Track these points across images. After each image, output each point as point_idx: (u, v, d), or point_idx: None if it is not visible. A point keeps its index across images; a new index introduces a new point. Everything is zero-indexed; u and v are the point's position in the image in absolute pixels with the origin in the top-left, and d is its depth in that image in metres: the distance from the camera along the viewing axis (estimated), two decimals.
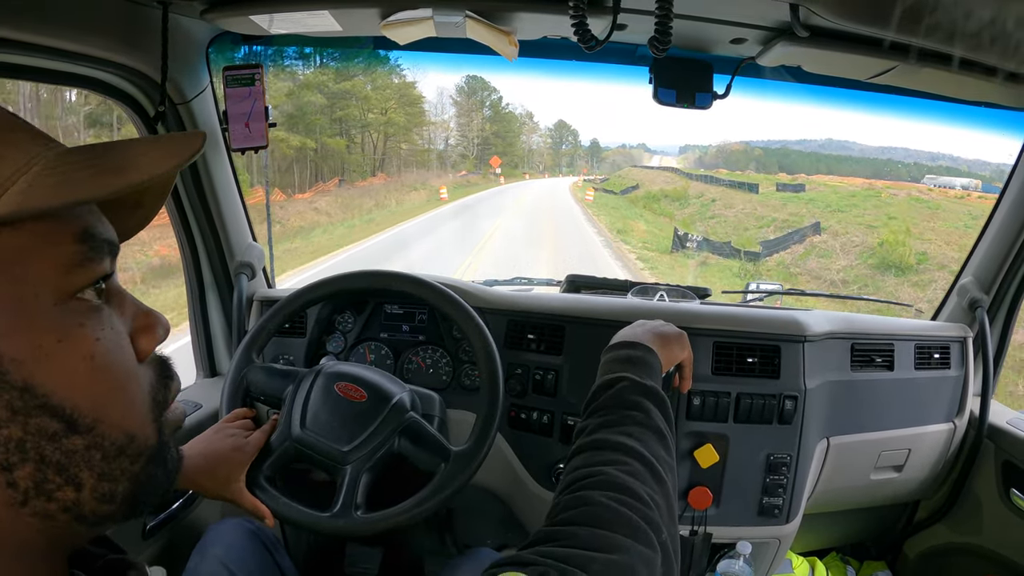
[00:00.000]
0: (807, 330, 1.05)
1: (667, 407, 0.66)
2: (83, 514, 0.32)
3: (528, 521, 1.22)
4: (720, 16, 0.86)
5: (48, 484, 0.30)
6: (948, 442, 1.20)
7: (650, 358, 0.73)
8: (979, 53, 0.66)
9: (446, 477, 0.82)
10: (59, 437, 0.30)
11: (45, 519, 0.30)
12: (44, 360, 0.29)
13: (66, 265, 0.30)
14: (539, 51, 1.08)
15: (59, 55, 0.79)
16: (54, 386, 0.29)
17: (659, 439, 0.61)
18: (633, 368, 0.70)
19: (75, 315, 0.31)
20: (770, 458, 1.02)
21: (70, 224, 0.31)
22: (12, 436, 0.28)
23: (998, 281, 1.19)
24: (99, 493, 0.32)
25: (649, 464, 0.56)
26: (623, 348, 0.74)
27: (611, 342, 0.78)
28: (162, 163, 0.32)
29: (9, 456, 0.28)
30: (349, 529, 0.79)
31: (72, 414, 0.30)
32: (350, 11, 0.90)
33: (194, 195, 1.13)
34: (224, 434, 0.82)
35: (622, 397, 0.65)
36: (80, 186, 0.30)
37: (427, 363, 1.19)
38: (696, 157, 39.97)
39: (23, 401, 0.28)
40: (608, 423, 0.62)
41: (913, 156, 18.64)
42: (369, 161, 26.75)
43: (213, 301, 1.25)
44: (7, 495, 0.29)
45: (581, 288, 1.35)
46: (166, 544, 1.01)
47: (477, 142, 40.53)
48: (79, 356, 0.31)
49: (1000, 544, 1.18)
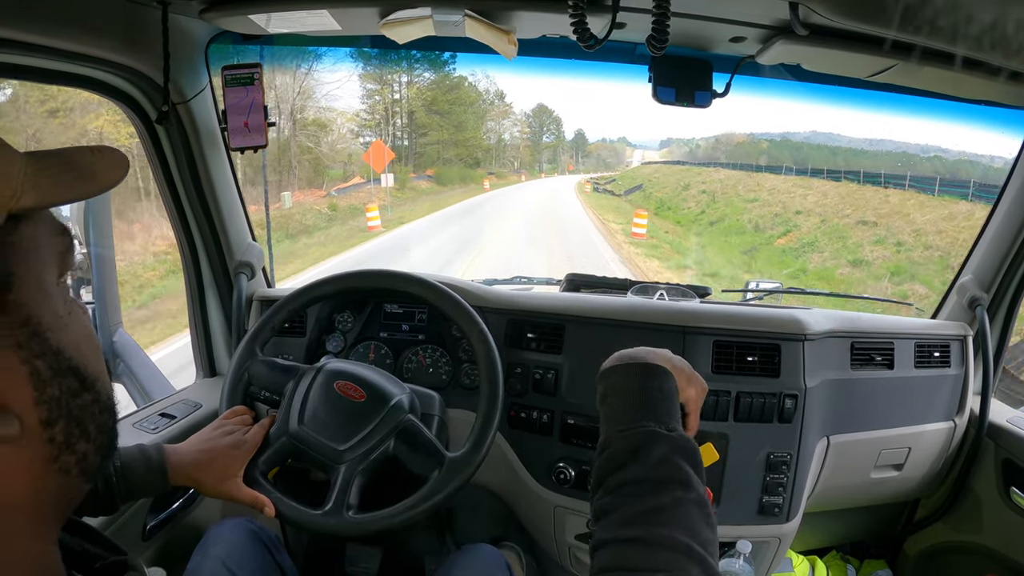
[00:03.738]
0: (807, 329, 1.05)
1: (699, 459, 0.56)
2: (87, 467, 0.36)
3: (527, 519, 1.22)
4: (720, 15, 0.86)
5: (72, 437, 0.34)
6: (948, 440, 1.20)
7: (668, 385, 0.61)
8: (981, 53, 0.66)
9: (439, 482, 0.82)
10: (78, 393, 0.35)
11: (64, 475, 0.34)
12: (63, 329, 0.34)
13: (60, 253, 0.36)
14: (538, 50, 1.08)
15: (59, 55, 0.79)
16: (71, 351, 0.34)
17: (702, 513, 0.51)
18: (654, 411, 0.58)
19: (67, 293, 0.36)
20: (770, 457, 1.02)
21: (53, 220, 0.36)
22: (53, 395, 0.33)
23: (998, 279, 1.19)
24: (97, 444, 0.36)
25: (702, 561, 0.47)
26: (634, 373, 0.61)
27: (609, 363, 0.64)
28: (112, 173, 0.38)
29: (51, 412, 0.33)
30: (339, 529, 0.79)
31: (84, 373, 0.35)
32: (349, 10, 0.90)
33: (193, 195, 1.13)
34: (222, 431, 0.83)
35: (651, 463, 0.53)
36: (70, 187, 0.35)
37: (427, 362, 1.19)
38: (687, 151, 35.08)
39: (58, 363, 0.33)
40: (642, 509, 0.51)
41: (902, 148, 18.09)
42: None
43: (213, 301, 1.25)
44: (46, 451, 0.33)
45: (581, 287, 1.35)
46: (166, 545, 1.01)
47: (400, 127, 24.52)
48: (82, 325, 0.36)
49: (1000, 542, 1.18)
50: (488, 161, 32.65)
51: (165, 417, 1.05)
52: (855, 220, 12.51)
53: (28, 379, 0.32)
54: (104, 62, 0.87)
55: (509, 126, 36.20)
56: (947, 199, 11.48)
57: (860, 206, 12.96)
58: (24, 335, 0.32)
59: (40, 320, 0.33)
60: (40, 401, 0.32)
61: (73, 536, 0.42)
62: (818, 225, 13.00)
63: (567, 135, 43.44)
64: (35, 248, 0.33)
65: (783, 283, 1.59)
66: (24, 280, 0.32)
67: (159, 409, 1.07)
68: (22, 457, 0.32)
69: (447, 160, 26.85)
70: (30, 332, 0.32)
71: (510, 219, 15.27)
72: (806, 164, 18.04)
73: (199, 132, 1.07)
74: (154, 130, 1.04)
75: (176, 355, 4.46)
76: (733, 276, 10.39)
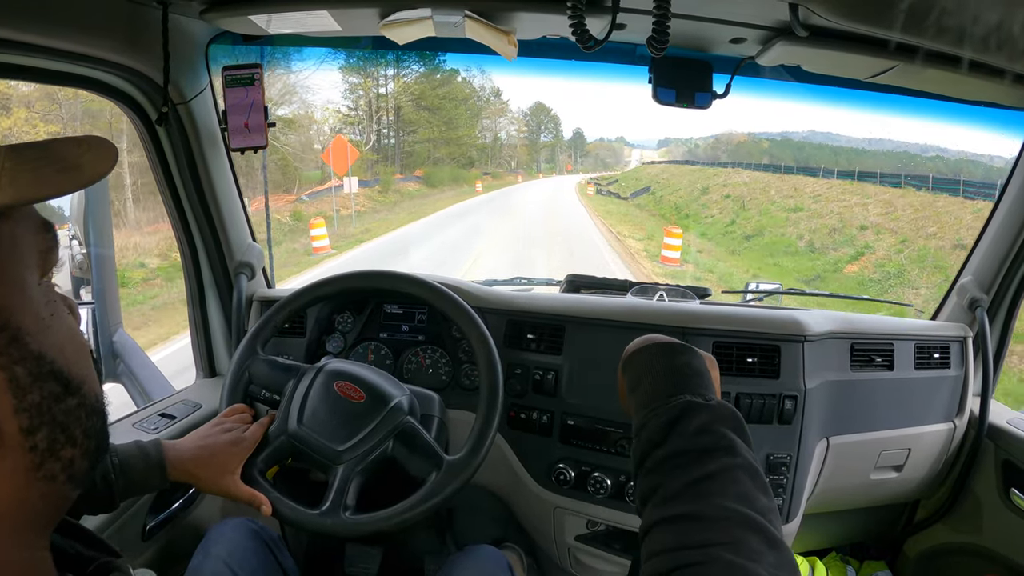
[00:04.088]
0: (807, 330, 1.05)
1: (744, 427, 0.52)
2: (75, 473, 0.35)
3: (527, 520, 1.22)
4: (720, 16, 0.86)
5: (56, 444, 0.33)
6: (948, 442, 1.20)
7: (697, 361, 0.58)
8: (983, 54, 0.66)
9: (436, 485, 0.81)
10: (61, 398, 0.34)
11: (49, 482, 0.33)
12: (45, 331, 0.33)
13: (42, 251, 0.34)
14: (538, 51, 1.07)
15: (59, 56, 0.79)
16: (54, 354, 0.33)
17: (755, 480, 0.47)
18: (687, 384, 0.54)
19: (50, 294, 0.35)
20: (770, 458, 1.02)
21: (36, 216, 0.35)
22: (34, 401, 0.32)
23: (998, 280, 1.19)
24: (84, 449, 0.35)
25: (761, 529, 0.43)
26: (660, 352, 0.58)
27: (633, 347, 0.62)
28: (100, 165, 0.36)
29: (32, 419, 0.32)
30: (335, 529, 0.79)
31: (67, 377, 0.34)
32: (349, 11, 0.90)
33: (193, 195, 1.13)
34: (221, 428, 0.83)
35: (692, 433, 0.49)
36: (51, 181, 0.33)
37: (427, 363, 1.19)
38: (686, 150, 33.70)
39: (39, 367, 0.32)
40: (687, 480, 0.47)
41: (902, 147, 17.16)
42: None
43: (213, 301, 1.25)
44: (28, 460, 0.32)
45: (581, 288, 1.35)
46: (166, 545, 1.01)
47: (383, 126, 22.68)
48: (65, 327, 0.35)
49: (1000, 544, 1.18)
50: (483, 161, 30.75)
51: (165, 417, 1.05)
52: (950, 243, 9.82)
53: (6, 386, 0.30)
54: (104, 62, 0.87)
55: (506, 124, 34.79)
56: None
57: (945, 222, 10.46)
58: (2, 341, 0.30)
59: (20, 324, 0.31)
60: (20, 409, 0.31)
61: (66, 539, 0.42)
62: (897, 247, 10.48)
63: (565, 134, 42.01)
64: (13, 247, 0.32)
65: (782, 284, 1.59)
66: (2, 282, 0.31)
67: (159, 409, 1.07)
68: (3, 468, 0.31)
69: (438, 160, 25.24)
70: (8, 337, 0.31)
71: (504, 228, 13.27)
72: (852, 167, 15.64)
73: (199, 132, 1.07)
74: (154, 130, 1.04)
75: (176, 356, 4.40)
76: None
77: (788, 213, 13.83)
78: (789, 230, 12.95)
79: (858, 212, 12.40)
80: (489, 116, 32.30)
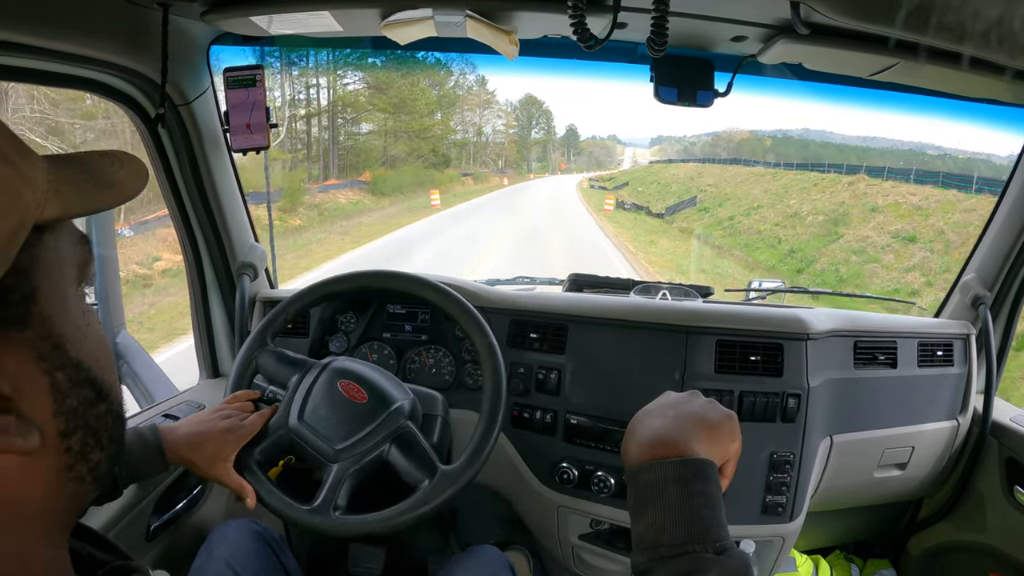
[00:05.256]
0: (810, 328, 1.05)
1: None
2: (99, 475, 0.36)
3: (530, 520, 1.22)
4: (721, 14, 0.86)
5: (87, 447, 0.35)
6: (951, 439, 1.20)
7: (712, 487, 0.50)
8: (985, 51, 0.66)
9: (428, 493, 0.81)
10: (94, 404, 0.35)
11: (78, 483, 0.34)
12: (82, 340, 0.34)
13: (79, 264, 0.35)
14: (539, 50, 1.07)
15: (60, 58, 0.79)
16: (90, 362, 0.35)
17: None
18: (699, 528, 0.48)
19: (84, 303, 0.36)
20: (773, 456, 1.02)
21: (74, 229, 0.35)
22: (71, 406, 0.33)
23: (1001, 278, 1.19)
24: (108, 453, 0.37)
25: None
26: (671, 477, 0.50)
27: (639, 433, 0.55)
28: (134, 182, 0.37)
29: (68, 423, 0.33)
30: (323, 527, 0.78)
31: (100, 384, 0.35)
32: (350, 11, 0.90)
33: (196, 196, 1.13)
34: (220, 415, 0.83)
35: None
36: (92, 196, 0.34)
37: (430, 363, 1.19)
38: (679, 148, 31.19)
39: (77, 374, 0.33)
40: None
41: (897, 145, 16.68)
42: None
43: (216, 302, 1.25)
44: (62, 460, 0.33)
45: (584, 287, 1.35)
46: (170, 545, 1.01)
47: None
48: (98, 337, 0.37)
49: (1004, 541, 1.18)
50: (463, 159, 24.69)
51: (168, 418, 1.05)
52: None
53: (48, 391, 0.32)
54: (105, 64, 0.87)
55: (491, 117, 29.17)
56: None
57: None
58: (46, 347, 0.31)
59: (62, 332, 0.32)
60: (59, 412, 0.32)
61: (78, 541, 0.42)
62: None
63: (558, 130, 37.04)
64: (57, 259, 0.33)
65: (785, 283, 1.59)
66: (47, 292, 0.32)
67: (163, 410, 1.07)
68: (40, 467, 0.32)
69: (395, 159, 18.13)
70: (51, 345, 0.32)
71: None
72: (910, 166, 13.77)
73: (201, 133, 1.07)
74: (156, 132, 1.04)
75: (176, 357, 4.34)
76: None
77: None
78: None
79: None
80: (471, 108, 25.93)
